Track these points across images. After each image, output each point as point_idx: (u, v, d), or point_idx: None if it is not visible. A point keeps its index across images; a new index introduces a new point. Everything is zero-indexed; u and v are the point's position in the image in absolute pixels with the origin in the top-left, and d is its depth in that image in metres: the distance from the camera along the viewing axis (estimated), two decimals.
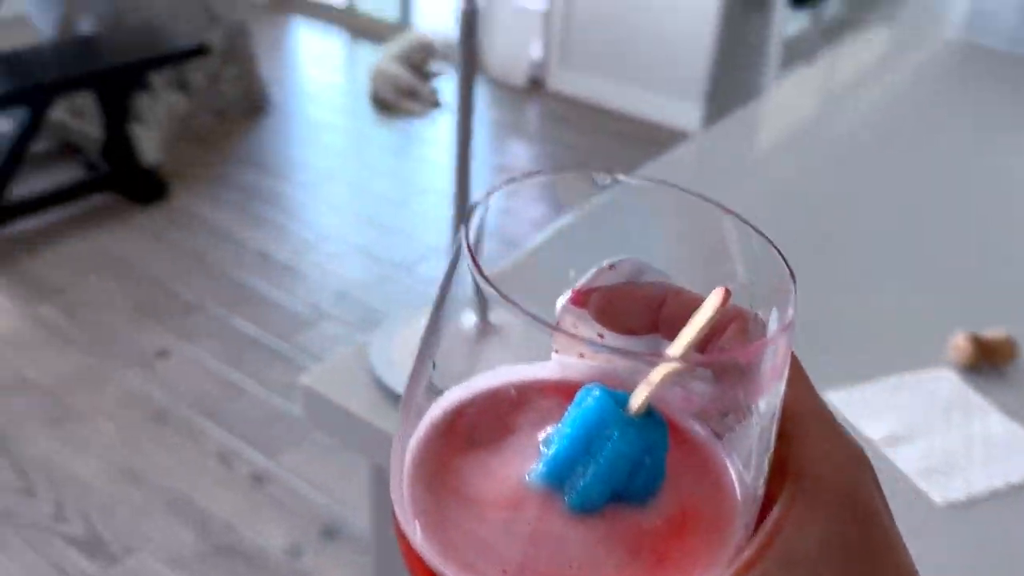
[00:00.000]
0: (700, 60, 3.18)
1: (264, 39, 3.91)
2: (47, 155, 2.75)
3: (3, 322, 2.06)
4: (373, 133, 3.11)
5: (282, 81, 3.48)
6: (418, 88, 3.36)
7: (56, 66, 2.25)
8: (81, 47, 2.38)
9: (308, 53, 3.83)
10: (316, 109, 3.26)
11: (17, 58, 2.28)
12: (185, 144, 2.89)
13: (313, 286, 2.27)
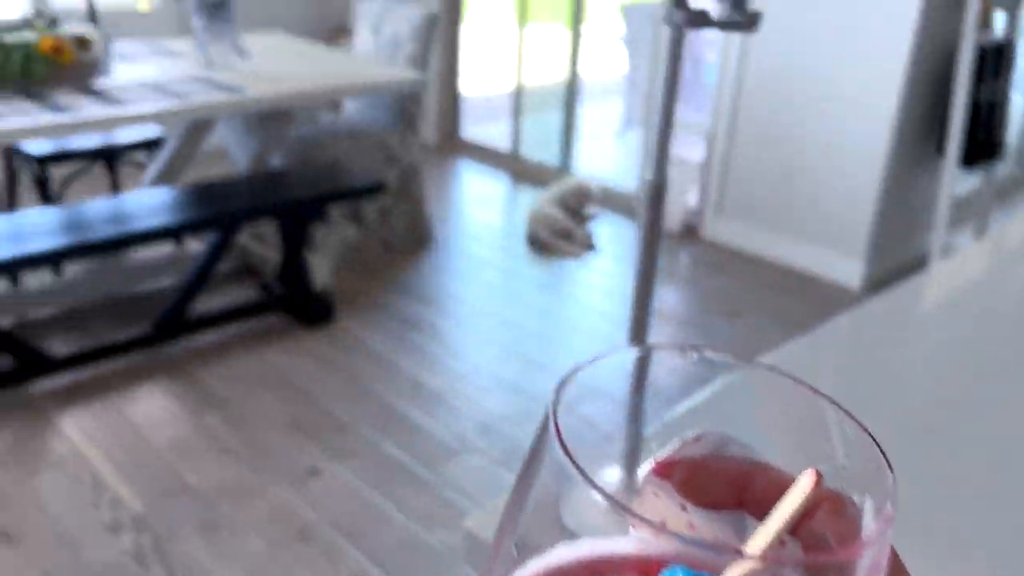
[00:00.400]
0: (863, 215, 3.11)
1: (433, 178, 4.17)
2: (228, 275, 2.99)
3: (172, 429, 2.19)
4: (528, 272, 3.19)
5: (446, 218, 3.66)
6: (573, 230, 3.44)
7: (247, 196, 2.46)
8: (270, 180, 2.61)
9: (472, 193, 4.03)
10: (476, 246, 3.39)
11: (214, 188, 2.52)
12: (353, 272, 3.07)
13: (460, 416, 2.29)
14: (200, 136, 2.76)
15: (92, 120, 2.06)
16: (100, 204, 2.30)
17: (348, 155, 3.03)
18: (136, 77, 2.45)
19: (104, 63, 2.36)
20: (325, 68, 2.70)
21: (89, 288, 2.69)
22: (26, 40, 2.24)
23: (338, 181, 2.61)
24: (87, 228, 2.11)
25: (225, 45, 2.64)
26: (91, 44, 2.35)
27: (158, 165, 2.78)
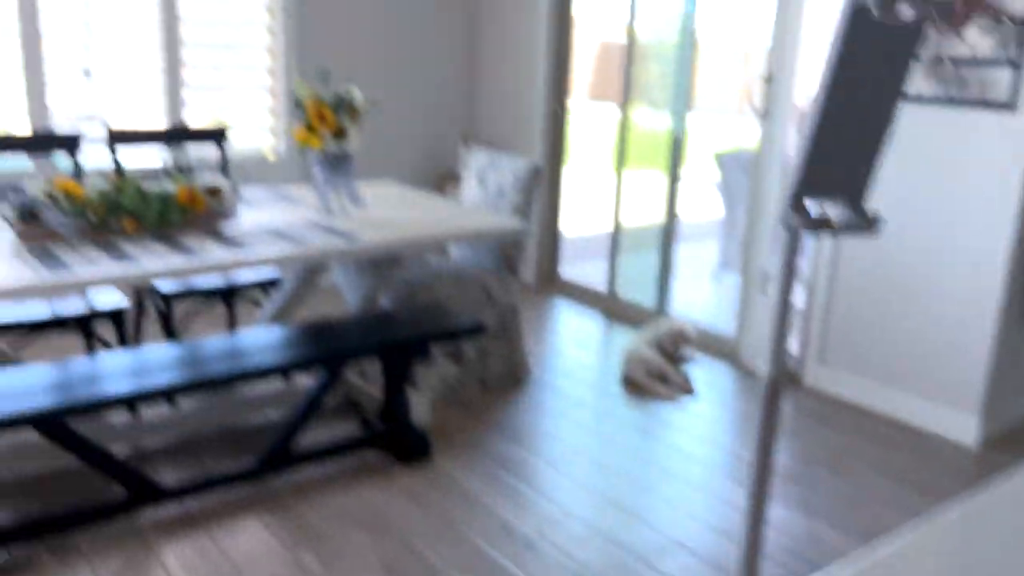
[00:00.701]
0: (976, 368, 2.99)
1: (530, 317, 4.24)
2: (332, 409, 3.08)
3: (269, 565, 2.21)
4: (623, 413, 3.16)
5: (543, 357, 3.70)
6: (669, 373, 3.42)
7: (354, 336, 2.56)
8: (377, 320, 2.71)
9: (568, 332, 4.07)
10: (570, 385, 3.40)
11: (324, 327, 2.64)
12: (451, 409, 3.12)
13: (551, 566, 2.24)
14: (315, 278, 2.92)
15: (217, 264, 2.21)
16: (217, 341, 2.43)
17: (451, 296, 3.14)
18: (259, 222, 2.64)
19: (231, 210, 2.56)
20: (433, 216, 2.84)
21: (202, 420, 2.82)
22: (164, 190, 2.46)
23: (441, 322, 2.70)
24: (204, 364, 2.24)
25: (343, 194, 2.82)
26: (221, 193, 2.55)
27: (274, 305, 2.94)
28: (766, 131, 3.55)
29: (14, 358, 2.40)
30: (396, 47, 4.68)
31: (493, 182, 3.37)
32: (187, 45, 3.98)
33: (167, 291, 2.90)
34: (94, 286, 2.04)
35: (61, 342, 3.64)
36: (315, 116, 2.64)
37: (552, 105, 4.62)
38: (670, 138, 4.19)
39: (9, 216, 2.29)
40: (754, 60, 6.00)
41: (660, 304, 4.31)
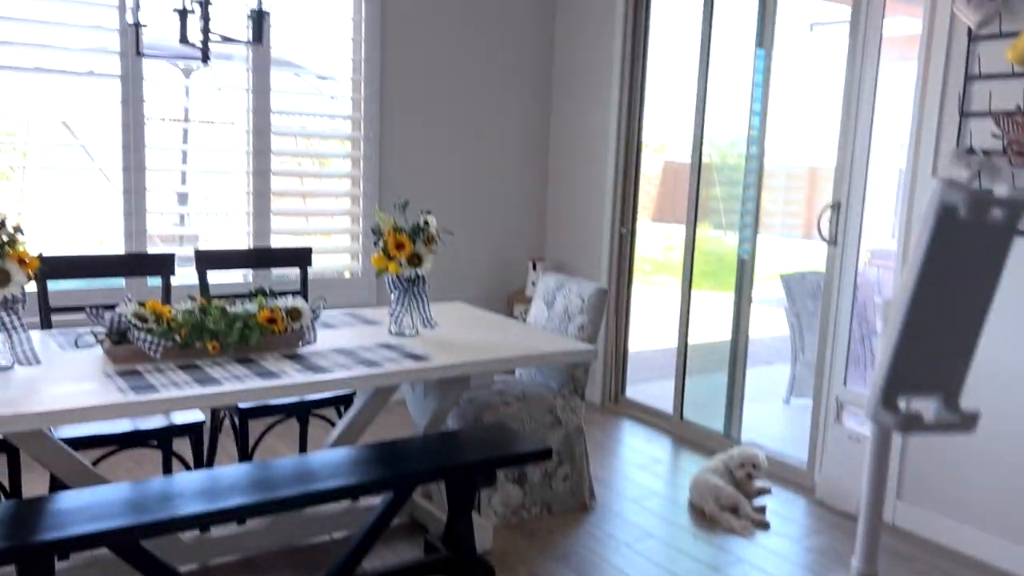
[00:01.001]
0: None
1: (595, 438, 4.20)
2: (396, 529, 3.07)
3: None
4: (690, 546, 3.07)
5: (608, 481, 3.64)
6: (741, 504, 3.32)
7: (421, 458, 2.58)
8: (443, 442, 2.73)
9: (634, 456, 4.01)
10: (637, 513, 3.33)
11: (391, 448, 2.66)
12: (514, 535, 3.07)
13: None
14: (385, 397, 2.97)
15: (294, 385, 2.28)
16: (288, 461, 2.48)
17: (517, 416, 3.14)
18: (335, 343, 2.73)
19: (309, 332, 2.65)
20: (502, 337, 2.89)
21: (269, 538, 2.84)
22: (247, 311, 2.57)
23: (506, 445, 2.70)
24: (274, 486, 2.27)
25: (415, 316, 2.90)
26: (301, 314, 2.65)
27: (344, 423, 2.99)
28: (835, 257, 3.54)
29: (96, 474, 2.48)
30: (470, 174, 4.87)
31: (560, 304, 3.41)
32: (276, 174, 4.21)
33: (243, 407, 2.98)
34: (176, 409, 2.12)
35: (140, 454, 3.74)
36: (393, 244, 2.75)
37: (619, 227, 4.70)
38: (737, 259, 4.21)
39: (100, 335, 2.42)
40: (821, 183, 6.03)
41: (728, 428, 4.22)
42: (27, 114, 3.82)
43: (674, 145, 5.66)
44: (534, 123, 5.08)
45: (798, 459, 3.80)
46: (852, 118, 3.46)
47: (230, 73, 4.21)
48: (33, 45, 3.61)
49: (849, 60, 3.47)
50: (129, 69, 3.76)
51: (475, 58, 4.80)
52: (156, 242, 4.07)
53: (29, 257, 2.21)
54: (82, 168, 4.05)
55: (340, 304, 4.42)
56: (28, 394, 2.04)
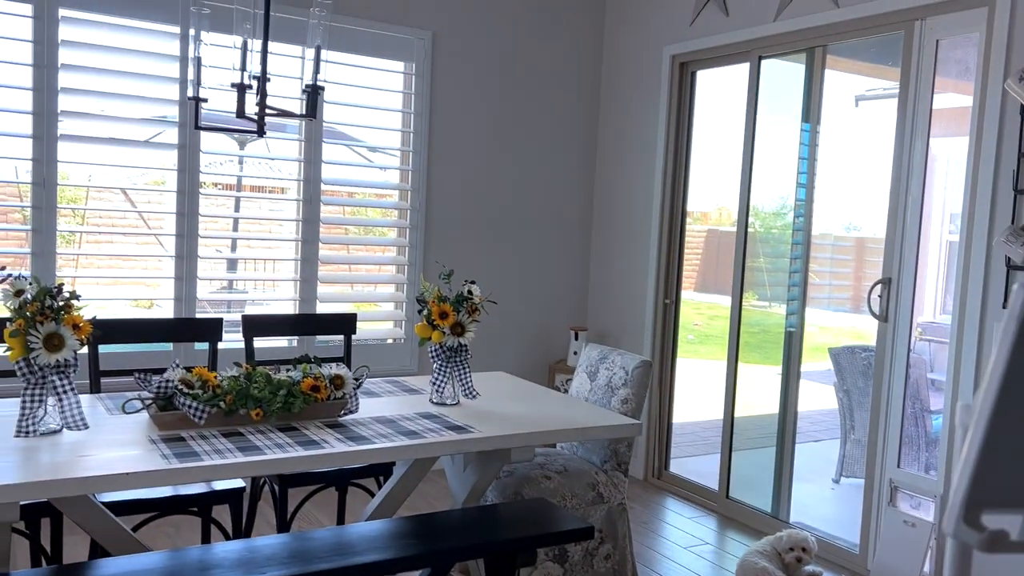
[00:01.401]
0: None
1: (638, 515, 4.10)
2: None
3: None
4: None
5: (650, 561, 3.54)
6: None
7: (459, 534, 2.53)
8: (482, 517, 2.68)
9: (678, 535, 3.90)
10: None
11: (429, 522, 2.62)
12: None
13: None
14: (425, 468, 2.94)
15: (335, 455, 2.27)
16: (325, 533, 2.45)
17: (558, 491, 3.08)
18: (376, 411, 2.72)
19: (352, 400, 2.65)
20: (544, 410, 2.86)
21: None
22: (291, 379, 2.59)
23: (547, 522, 2.64)
24: (312, 558, 2.25)
25: (457, 385, 2.89)
26: (344, 383, 2.66)
27: (383, 494, 2.96)
28: (886, 333, 3.46)
29: (138, 542, 2.47)
30: (513, 244, 4.91)
31: (603, 376, 3.37)
32: (324, 242, 4.29)
33: (284, 474, 2.97)
34: (218, 478, 2.12)
35: (180, 520, 3.74)
36: (436, 313, 2.76)
37: (663, 297, 4.67)
38: (784, 331, 4.14)
39: (147, 400, 2.45)
40: (869, 255, 5.95)
41: (776, 508, 4.09)
42: (87, 181, 3.96)
43: (718, 215, 5.65)
44: (578, 193, 5.12)
45: (849, 543, 3.66)
46: (901, 191, 3.43)
47: (283, 144, 4.34)
48: (97, 116, 3.76)
49: (898, 133, 3.45)
50: (187, 139, 3.89)
51: (520, 129, 4.87)
52: (205, 307, 4.15)
53: (83, 322, 2.26)
54: (138, 234, 4.17)
55: (382, 370, 4.43)
56: (74, 459, 2.05)
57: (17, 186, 3.72)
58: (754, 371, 4.51)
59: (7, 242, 3.72)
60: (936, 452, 3.44)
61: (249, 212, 4.43)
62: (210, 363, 3.20)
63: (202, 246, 4.00)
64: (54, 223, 3.64)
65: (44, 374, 2.21)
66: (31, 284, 2.24)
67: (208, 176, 4.06)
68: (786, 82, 4.21)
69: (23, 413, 2.20)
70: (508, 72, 4.79)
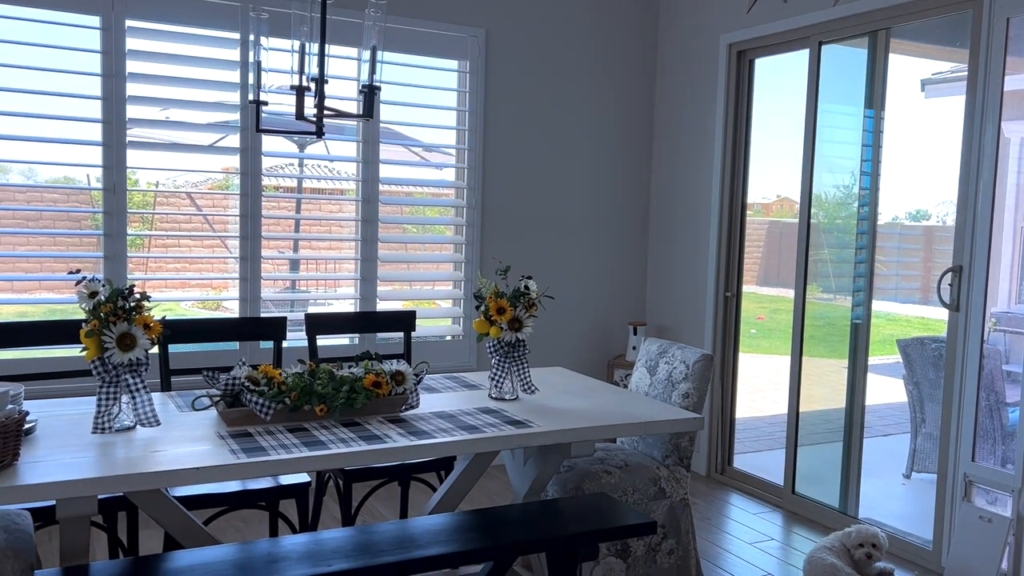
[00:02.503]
0: None
1: (701, 511, 4.05)
2: None
3: None
4: None
5: (714, 557, 3.49)
6: None
7: (520, 527, 2.54)
8: (543, 511, 2.68)
9: (743, 531, 3.84)
10: None
11: (490, 516, 2.63)
12: None
13: None
14: (485, 463, 2.96)
15: (398, 449, 2.30)
16: (389, 526, 2.48)
17: (619, 487, 3.07)
18: (436, 407, 2.74)
19: (412, 396, 2.67)
20: (603, 405, 2.85)
21: None
22: (353, 375, 2.63)
23: (609, 517, 2.63)
24: (376, 551, 2.28)
25: (516, 380, 2.89)
26: (405, 378, 2.69)
27: (444, 488, 2.98)
28: (957, 323, 3.35)
29: (209, 535, 2.54)
30: (570, 239, 4.90)
31: (664, 371, 3.34)
32: (383, 241, 4.34)
33: (348, 469, 3.02)
34: (285, 472, 2.16)
35: (249, 515, 3.84)
36: (494, 309, 2.77)
37: (723, 290, 4.61)
38: (850, 324, 4.04)
39: (215, 397, 2.51)
40: (937, 244, 5.78)
41: (844, 503, 4.00)
42: (155, 187, 4.08)
43: (779, 207, 5.55)
44: (635, 187, 5.08)
45: (922, 539, 3.56)
46: (972, 176, 3.31)
47: (342, 146, 4.40)
48: (163, 124, 3.87)
49: (967, 117, 3.34)
50: (248, 143, 3.98)
51: (575, 123, 4.86)
52: (268, 306, 4.24)
53: (153, 322, 2.33)
54: (203, 236, 4.28)
55: (441, 367, 4.46)
56: (147, 455, 2.12)
57: (89, 193, 3.85)
58: (819, 365, 4.41)
59: (81, 247, 3.86)
60: (1013, 446, 3.32)
61: (310, 213, 4.51)
62: (275, 361, 3.26)
63: (265, 248, 4.09)
64: (124, 227, 3.76)
65: (118, 373, 2.29)
66: (104, 286, 2.32)
67: (270, 179, 4.14)
68: (848, 67, 4.11)
69: (99, 410, 2.28)
70: (562, 67, 4.78)
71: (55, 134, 3.60)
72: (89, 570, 2.10)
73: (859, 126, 4.04)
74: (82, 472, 1.96)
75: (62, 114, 3.60)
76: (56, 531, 3.53)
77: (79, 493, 1.92)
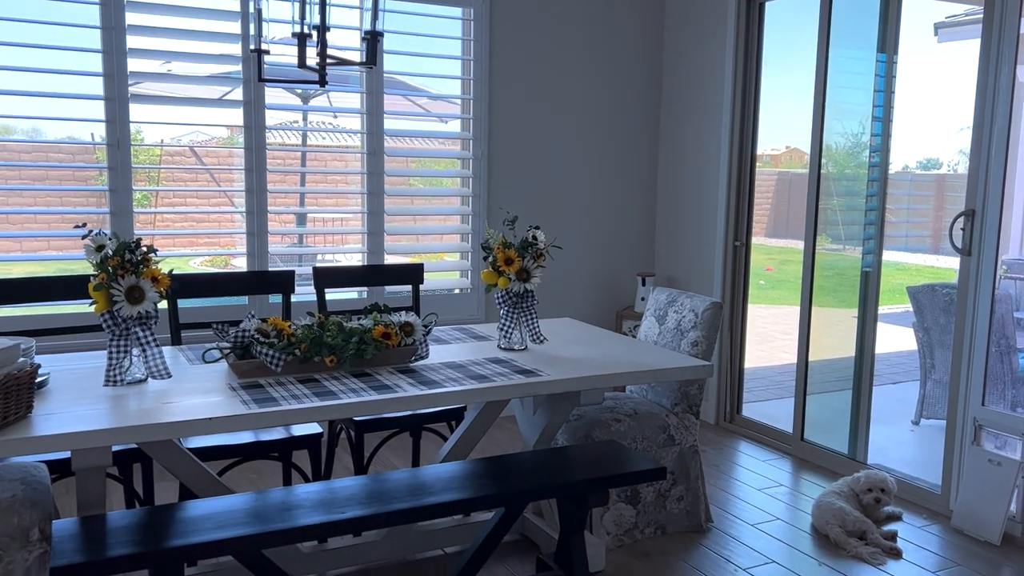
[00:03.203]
0: None
1: (710, 458, 4.08)
2: (507, 544, 3.05)
3: None
4: (813, 573, 2.92)
5: (724, 503, 3.52)
6: (869, 530, 3.14)
7: (532, 475, 2.56)
8: (554, 459, 2.70)
9: (752, 477, 3.87)
10: (756, 538, 3.20)
11: (502, 463, 2.65)
12: (626, 554, 3.00)
13: None
14: (495, 412, 2.97)
15: (408, 398, 2.31)
16: (401, 475, 2.50)
17: (628, 434, 3.08)
18: (445, 357, 2.75)
19: (422, 346, 2.68)
20: (612, 353, 2.85)
21: (383, 551, 2.88)
22: (362, 327, 2.63)
23: (619, 463, 2.64)
24: (389, 499, 2.30)
25: (525, 331, 2.89)
26: (414, 329, 2.69)
27: (455, 437, 3.00)
28: (969, 269, 3.33)
29: (222, 485, 2.57)
30: (577, 189, 4.86)
31: (672, 319, 3.34)
32: (389, 194, 4.32)
33: (359, 420, 3.04)
34: (296, 422, 2.17)
35: (262, 465, 3.88)
36: (502, 259, 2.76)
37: (733, 240, 4.58)
38: (860, 273, 4.02)
39: (226, 350, 2.52)
40: (949, 192, 5.72)
41: (854, 450, 4.02)
42: (159, 142, 4.06)
43: (788, 158, 5.48)
44: (642, 135, 5.02)
45: (931, 484, 3.58)
46: (986, 120, 3.26)
47: (345, 97, 4.36)
48: (165, 77, 3.83)
49: (982, 60, 3.27)
50: (252, 95, 3.94)
51: (581, 72, 4.79)
52: (276, 261, 4.23)
53: (161, 275, 2.32)
54: (209, 191, 4.26)
55: (450, 319, 4.47)
56: (160, 406, 2.13)
57: (94, 150, 3.83)
58: (829, 315, 4.39)
59: (88, 204, 3.85)
60: (1020, 388, 3.32)
61: (316, 167, 4.48)
62: (284, 315, 3.27)
63: (271, 202, 4.07)
64: (130, 183, 3.75)
65: (127, 326, 2.29)
66: (111, 240, 2.31)
67: (275, 133, 4.11)
68: (860, 10, 4.02)
69: (110, 363, 2.29)
70: (568, 15, 4.69)
71: (56, 89, 3.57)
72: (106, 519, 2.13)
73: (871, 71, 3.97)
74: (96, 423, 1.98)
75: (62, 68, 3.56)
76: (73, 483, 3.58)
77: (93, 444, 1.94)
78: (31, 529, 2.06)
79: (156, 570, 2.01)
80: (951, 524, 3.34)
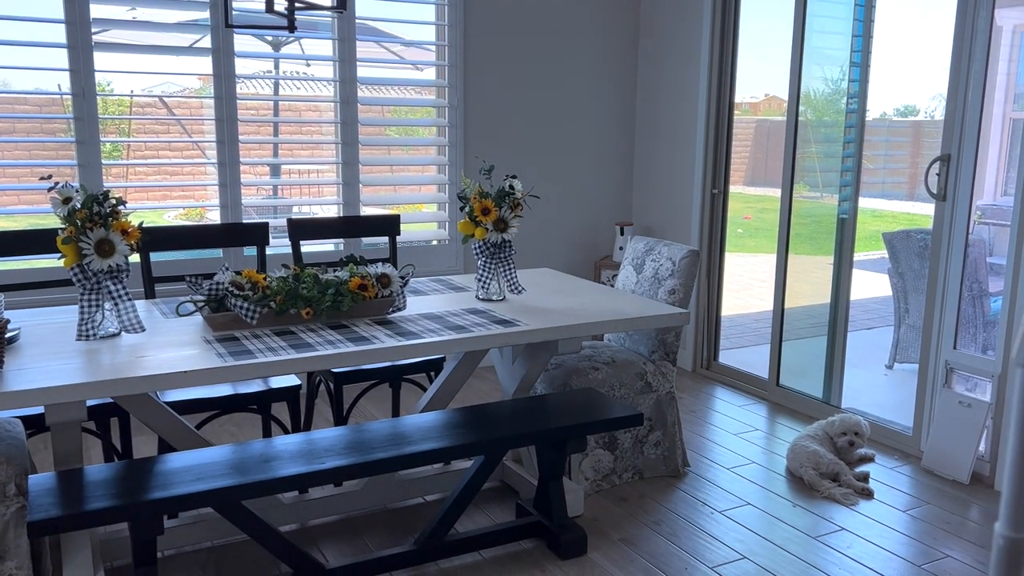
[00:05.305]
0: None
1: (687, 404, 4.13)
2: (487, 491, 3.09)
3: None
4: (789, 515, 2.98)
5: (700, 448, 3.58)
6: (842, 472, 3.21)
7: (510, 422, 2.58)
8: (532, 406, 2.72)
9: (728, 422, 3.92)
10: (732, 481, 3.25)
11: (481, 412, 2.67)
12: (604, 499, 3.05)
13: None
14: (474, 362, 2.98)
15: (386, 349, 2.30)
16: (381, 425, 2.51)
17: (606, 382, 3.11)
18: (423, 309, 2.74)
19: (399, 298, 2.67)
20: (590, 303, 2.85)
21: (364, 500, 2.90)
22: (338, 279, 2.61)
23: (597, 410, 2.67)
24: (369, 449, 2.31)
25: (503, 281, 2.89)
26: (390, 281, 2.67)
27: (434, 388, 3.01)
28: (943, 214, 3.35)
29: (200, 437, 2.57)
30: (555, 138, 4.82)
31: (650, 268, 3.34)
32: (364, 145, 4.26)
33: (338, 372, 3.04)
34: (273, 374, 2.16)
35: (241, 418, 3.88)
36: (479, 209, 2.74)
37: (711, 188, 4.57)
38: (836, 220, 4.03)
39: (200, 303, 2.49)
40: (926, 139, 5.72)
41: (828, 394, 4.08)
42: (130, 92, 3.96)
43: (767, 105, 5.45)
44: (620, 84, 4.97)
45: (903, 426, 3.65)
46: (963, 64, 3.25)
47: (317, 45, 4.26)
48: (130, 24, 3.72)
49: (960, 2, 3.25)
50: (220, 43, 3.84)
51: (559, 20, 4.71)
52: (251, 213, 4.18)
53: (131, 228, 2.29)
54: (180, 142, 4.18)
55: (428, 271, 4.45)
56: (135, 360, 2.12)
57: (61, 100, 3.73)
58: (805, 262, 4.42)
59: (55, 154, 3.76)
60: (995, 333, 3.37)
61: (290, 116, 4.40)
62: (259, 267, 3.24)
63: (244, 153, 4.00)
64: (96, 134, 3.66)
65: (98, 280, 2.26)
66: (78, 192, 2.26)
67: (247, 83, 4.02)
68: None
69: (82, 318, 2.26)
70: None
71: (20, 37, 3.46)
72: (84, 473, 2.13)
73: (850, 15, 3.94)
74: (69, 378, 1.96)
75: (25, 15, 3.45)
76: (49, 438, 3.57)
77: (67, 398, 1.92)
78: (7, 484, 2.06)
79: (136, 523, 2.01)
80: (921, 465, 3.42)
